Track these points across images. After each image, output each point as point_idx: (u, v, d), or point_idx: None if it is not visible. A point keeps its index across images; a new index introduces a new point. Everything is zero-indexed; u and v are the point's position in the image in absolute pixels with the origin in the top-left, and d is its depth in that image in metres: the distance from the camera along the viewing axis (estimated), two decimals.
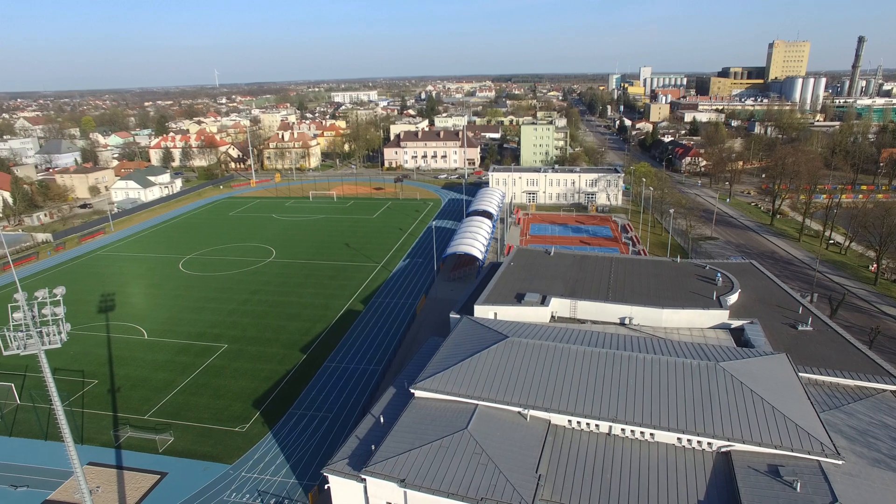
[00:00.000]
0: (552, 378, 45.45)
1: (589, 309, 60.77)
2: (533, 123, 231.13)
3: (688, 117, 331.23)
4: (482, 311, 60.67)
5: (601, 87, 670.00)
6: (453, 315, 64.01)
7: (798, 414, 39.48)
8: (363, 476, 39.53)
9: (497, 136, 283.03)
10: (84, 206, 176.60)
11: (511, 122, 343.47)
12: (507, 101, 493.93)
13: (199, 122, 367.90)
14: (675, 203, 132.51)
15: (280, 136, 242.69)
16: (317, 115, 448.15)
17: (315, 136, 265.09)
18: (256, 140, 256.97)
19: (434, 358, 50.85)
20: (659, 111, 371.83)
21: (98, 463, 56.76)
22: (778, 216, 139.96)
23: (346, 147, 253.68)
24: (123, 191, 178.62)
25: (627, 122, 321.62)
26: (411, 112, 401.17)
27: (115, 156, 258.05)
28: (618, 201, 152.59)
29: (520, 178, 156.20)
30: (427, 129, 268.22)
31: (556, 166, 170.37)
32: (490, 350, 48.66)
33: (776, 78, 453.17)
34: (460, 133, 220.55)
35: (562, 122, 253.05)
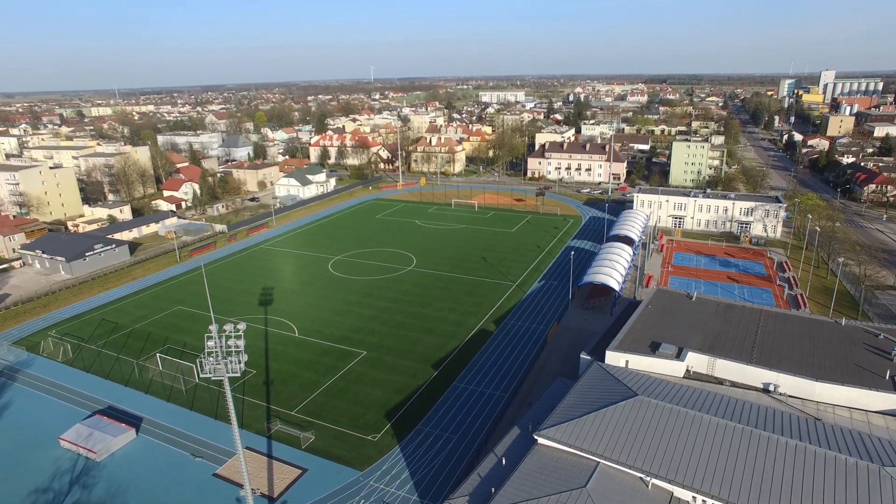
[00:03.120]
0: (681, 447, 43.97)
1: (729, 369, 57.46)
2: (686, 140, 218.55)
3: (878, 132, 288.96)
4: (613, 358, 59.82)
5: (769, 93, 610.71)
6: (584, 356, 63.81)
7: None
8: None
9: (646, 147, 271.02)
10: (252, 199, 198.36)
11: (663, 131, 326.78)
12: (660, 108, 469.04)
13: (353, 120, 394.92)
14: (848, 243, 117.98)
15: (428, 140, 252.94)
16: (464, 114, 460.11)
17: (461, 140, 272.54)
18: (405, 141, 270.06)
19: (560, 405, 51.35)
20: (839, 124, 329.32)
21: (253, 449, 64.51)
22: None
23: (490, 153, 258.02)
24: (285, 187, 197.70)
25: (798, 137, 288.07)
26: (557, 117, 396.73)
27: (280, 151, 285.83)
28: (776, 233, 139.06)
29: (666, 201, 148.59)
30: (573, 138, 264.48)
31: (708, 190, 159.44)
32: (618, 406, 48.14)
33: None
34: (607, 147, 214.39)
35: (719, 139, 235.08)
